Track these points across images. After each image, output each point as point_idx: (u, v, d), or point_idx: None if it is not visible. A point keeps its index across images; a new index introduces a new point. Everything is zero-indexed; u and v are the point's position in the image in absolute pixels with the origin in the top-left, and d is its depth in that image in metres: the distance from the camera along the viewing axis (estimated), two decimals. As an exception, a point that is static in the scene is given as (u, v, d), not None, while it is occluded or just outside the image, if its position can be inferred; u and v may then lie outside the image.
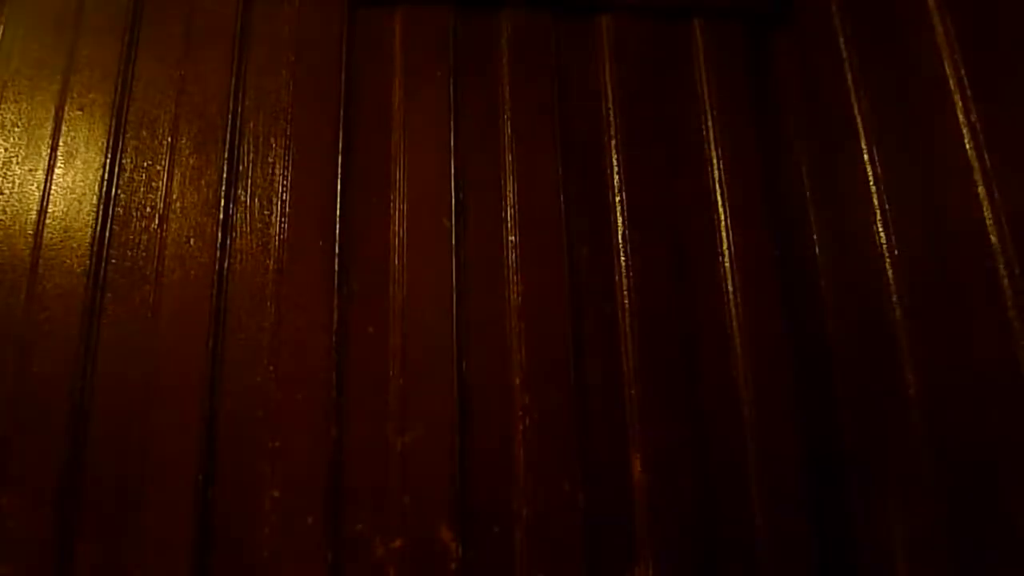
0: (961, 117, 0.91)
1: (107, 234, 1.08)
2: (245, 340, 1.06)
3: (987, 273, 0.87)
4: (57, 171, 1.10)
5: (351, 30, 1.23)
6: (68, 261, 1.06)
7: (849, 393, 1.13)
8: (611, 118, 1.24)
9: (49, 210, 1.08)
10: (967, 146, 0.90)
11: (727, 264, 1.19)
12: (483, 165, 1.19)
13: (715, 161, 1.24)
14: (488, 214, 1.16)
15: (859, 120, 1.11)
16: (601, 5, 1.29)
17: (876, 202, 1.08)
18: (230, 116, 1.15)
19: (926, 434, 0.97)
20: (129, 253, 1.08)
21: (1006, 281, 0.84)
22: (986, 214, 0.86)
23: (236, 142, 1.15)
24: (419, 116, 1.19)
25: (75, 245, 1.07)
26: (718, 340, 1.15)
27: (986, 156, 0.88)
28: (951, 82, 0.93)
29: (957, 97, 0.91)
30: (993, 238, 0.86)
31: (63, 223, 1.07)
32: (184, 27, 1.20)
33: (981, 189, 0.88)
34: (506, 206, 1.17)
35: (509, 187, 1.18)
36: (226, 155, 1.13)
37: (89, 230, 1.07)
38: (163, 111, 1.15)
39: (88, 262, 1.06)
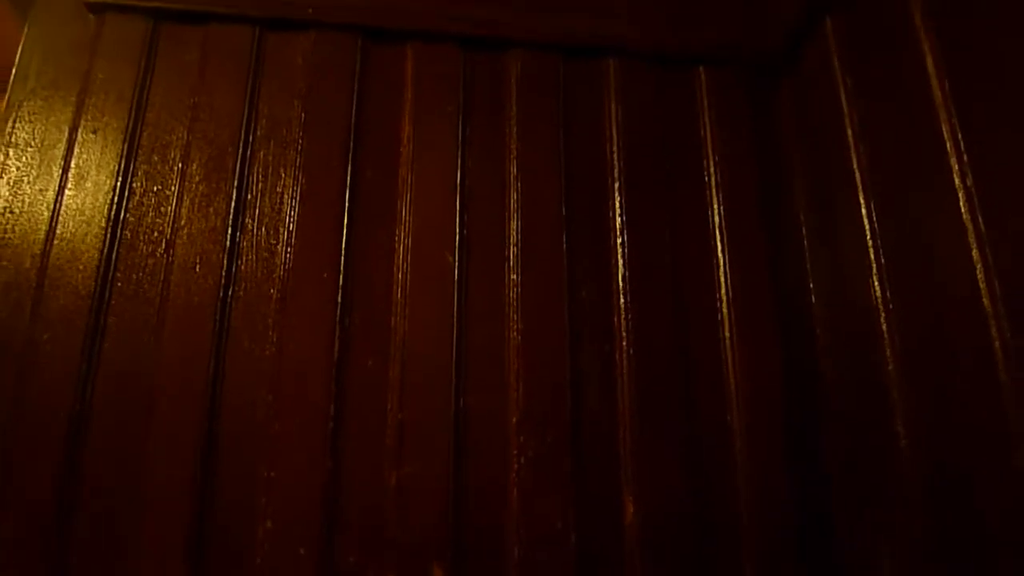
0: (957, 180, 0.93)
1: (114, 257, 1.09)
2: (245, 368, 1.07)
3: (979, 333, 0.88)
4: (68, 192, 1.11)
5: (363, 64, 1.25)
6: (73, 282, 1.07)
7: (840, 443, 1.14)
8: (615, 160, 1.27)
9: (58, 231, 1.09)
10: (962, 208, 0.92)
11: (724, 310, 1.20)
12: (488, 202, 1.21)
13: (715, 206, 1.26)
14: (491, 251, 1.18)
15: (857, 174, 1.14)
16: (608, 49, 1.32)
17: (872, 256, 1.10)
18: (241, 144, 1.17)
19: (915, 485, 0.99)
20: (134, 276, 1.09)
21: (997, 344, 0.86)
22: (979, 276, 0.88)
23: (246, 171, 1.16)
24: (427, 152, 1.21)
25: (81, 267, 1.08)
26: (714, 385, 1.17)
27: (980, 220, 0.90)
28: (948, 144, 0.95)
29: (953, 160, 0.94)
30: (985, 301, 0.88)
31: (71, 244, 1.08)
32: (200, 54, 1.22)
33: (975, 252, 0.90)
34: (509, 244, 1.19)
35: (513, 225, 1.20)
36: (235, 183, 1.15)
37: (96, 252, 1.08)
38: (175, 137, 1.17)
39: (93, 284, 1.07)
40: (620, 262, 1.21)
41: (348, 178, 1.17)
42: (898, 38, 1.05)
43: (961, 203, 0.93)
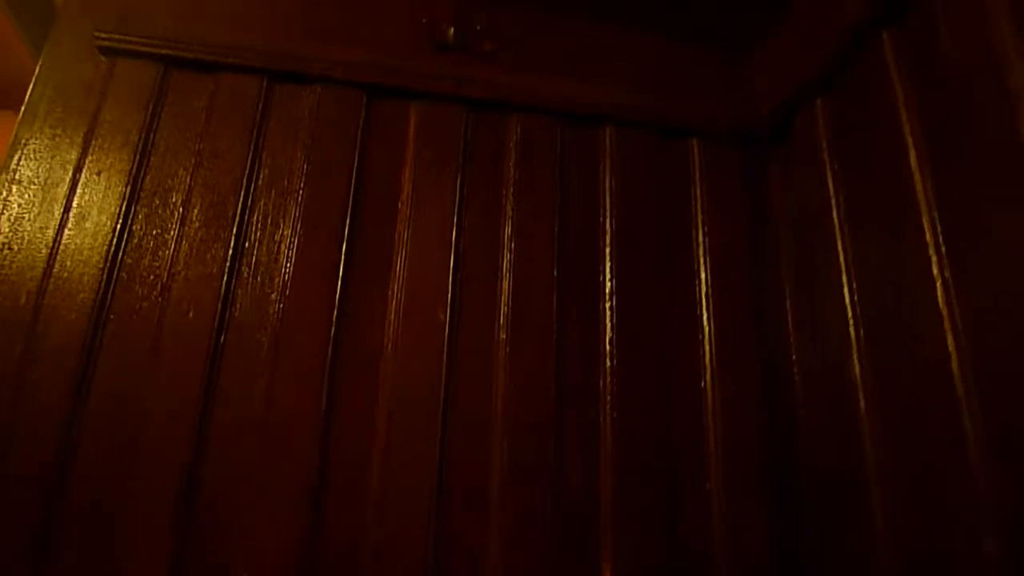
0: (935, 270, 0.96)
1: (109, 298, 1.10)
2: (233, 416, 1.08)
3: (951, 412, 0.91)
4: (67, 231, 1.12)
5: (367, 120, 1.28)
6: (67, 321, 1.08)
7: (819, 520, 1.15)
8: (607, 226, 1.30)
9: (55, 269, 1.10)
10: (939, 296, 0.96)
11: (708, 378, 1.23)
12: (482, 262, 1.23)
13: (703, 275, 1.29)
14: (483, 310, 1.20)
15: (841, 253, 1.17)
16: (606, 117, 1.36)
17: (852, 331, 1.13)
18: (242, 192, 1.19)
19: (891, 568, 1.00)
20: (128, 319, 1.10)
21: (970, 432, 0.89)
22: (953, 365, 0.91)
23: (245, 218, 1.18)
24: (425, 209, 1.24)
25: (76, 305, 1.09)
26: (695, 457, 1.18)
27: (955, 305, 0.93)
28: (928, 234, 0.99)
29: (932, 251, 0.97)
30: (959, 386, 0.91)
31: (67, 283, 1.09)
32: (207, 102, 1.24)
33: (951, 339, 0.93)
34: (500, 304, 1.21)
35: (505, 285, 1.22)
36: (234, 230, 1.17)
37: (91, 293, 1.09)
38: (178, 182, 1.19)
39: (86, 324, 1.08)
40: (608, 326, 1.23)
41: (346, 231, 1.20)
42: (883, 124, 1.10)
43: (939, 290, 0.96)
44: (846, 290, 1.16)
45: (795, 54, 1.31)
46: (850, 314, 1.14)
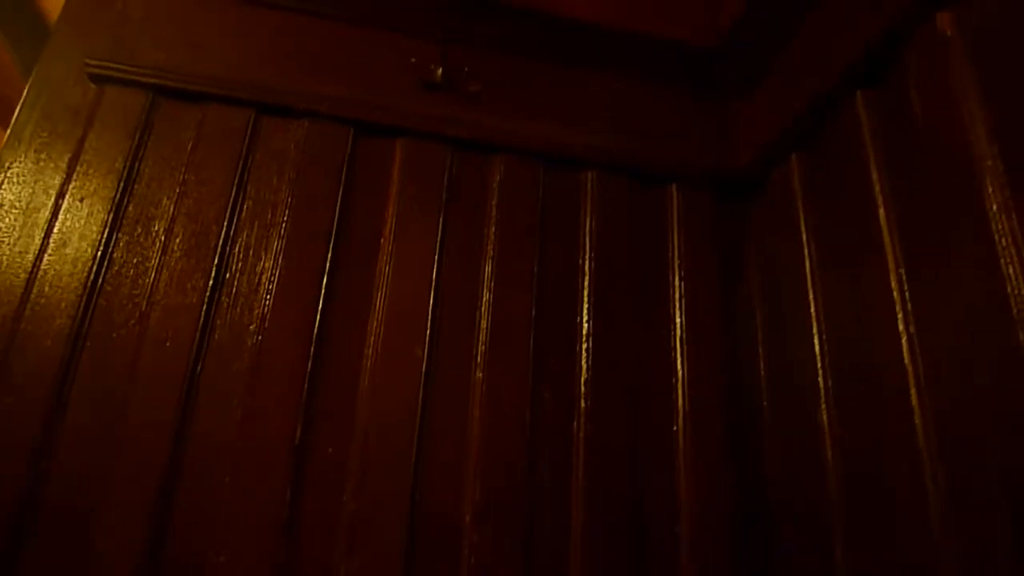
0: (901, 327, 0.99)
1: (86, 325, 1.10)
2: (207, 447, 1.07)
3: (913, 465, 0.93)
4: (47, 257, 1.12)
5: (353, 155, 1.30)
6: (43, 347, 1.07)
7: (786, 562, 1.17)
8: (586, 267, 1.32)
9: (33, 295, 1.10)
10: (904, 350, 0.98)
11: (680, 422, 1.25)
12: (461, 300, 1.25)
13: (679, 320, 1.32)
14: (460, 348, 1.22)
15: (812, 305, 1.20)
16: (588, 162, 1.39)
17: (822, 383, 1.15)
18: (225, 223, 1.20)
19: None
20: (105, 346, 1.10)
21: (928, 475, 0.91)
22: (917, 424, 0.94)
23: (227, 249, 1.19)
24: (407, 245, 1.25)
25: (52, 331, 1.08)
26: (666, 499, 1.20)
27: (920, 361, 0.96)
28: (895, 292, 1.02)
29: (898, 307, 1.01)
30: (921, 442, 0.93)
31: (44, 309, 1.09)
32: (194, 132, 1.26)
33: (914, 394, 0.96)
34: (478, 342, 1.22)
35: (483, 324, 1.24)
36: (215, 261, 1.17)
37: (68, 320, 1.09)
38: (161, 211, 1.20)
39: (62, 351, 1.07)
40: (584, 367, 1.25)
41: (327, 265, 1.21)
42: (854, 183, 1.13)
43: (904, 346, 0.99)
44: (816, 340, 1.18)
45: (774, 108, 1.35)
46: (819, 364, 1.17)
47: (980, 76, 0.92)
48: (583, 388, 1.24)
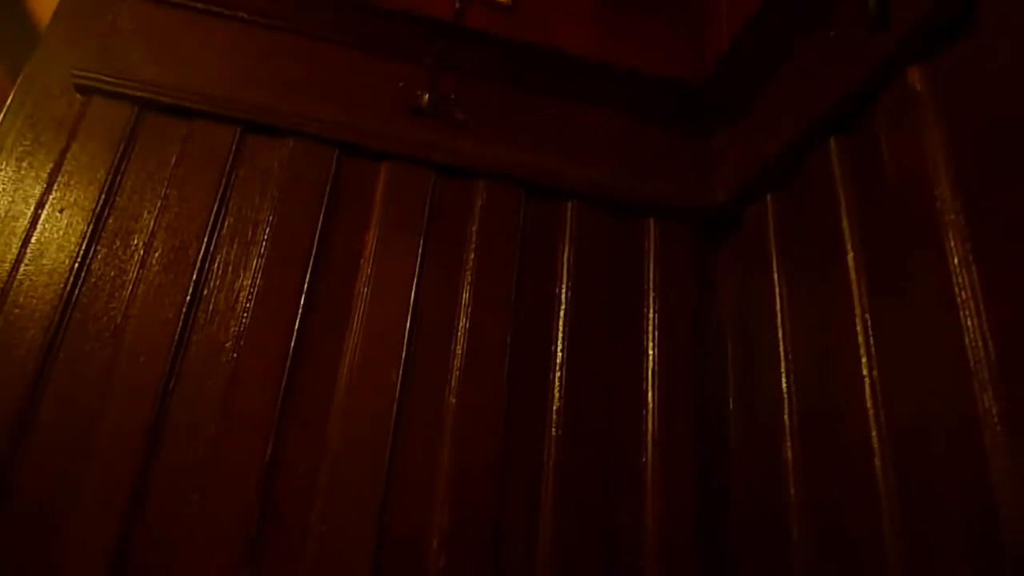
0: (864, 371, 1.02)
1: (60, 337, 1.10)
2: (177, 465, 1.07)
3: (872, 515, 0.95)
4: (24, 267, 1.12)
5: (336, 176, 1.31)
6: (16, 356, 1.07)
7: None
8: (563, 296, 1.34)
9: (6, 305, 1.09)
10: (867, 395, 1.01)
11: (649, 454, 1.26)
12: (438, 324, 1.26)
13: (651, 352, 1.34)
14: (434, 374, 1.23)
15: (781, 343, 1.23)
16: (570, 193, 1.42)
17: (787, 421, 1.18)
18: (206, 239, 1.20)
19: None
20: (78, 359, 1.10)
21: (886, 520, 0.93)
22: (876, 462, 0.96)
23: (206, 266, 1.19)
24: (386, 268, 1.26)
25: (25, 342, 1.08)
26: (633, 530, 1.21)
27: (881, 407, 0.99)
28: (860, 336, 1.05)
29: (863, 351, 1.03)
30: (881, 487, 0.96)
31: (18, 320, 1.09)
32: (179, 147, 1.26)
33: (876, 440, 0.98)
34: (452, 368, 1.23)
35: (459, 349, 1.25)
36: (194, 277, 1.18)
37: (42, 331, 1.09)
38: (141, 224, 1.20)
39: (34, 362, 1.07)
40: (556, 395, 1.27)
41: (306, 285, 1.22)
42: (825, 225, 1.16)
43: (867, 391, 1.02)
44: (784, 379, 1.21)
45: (752, 149, 1.39)
46: (786, 403, 1.19)
47: (946, 132, 0.96)
48: (555, 416, 1.25)
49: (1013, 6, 0.87)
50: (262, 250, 1.22)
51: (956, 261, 0.89)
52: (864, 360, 1.02)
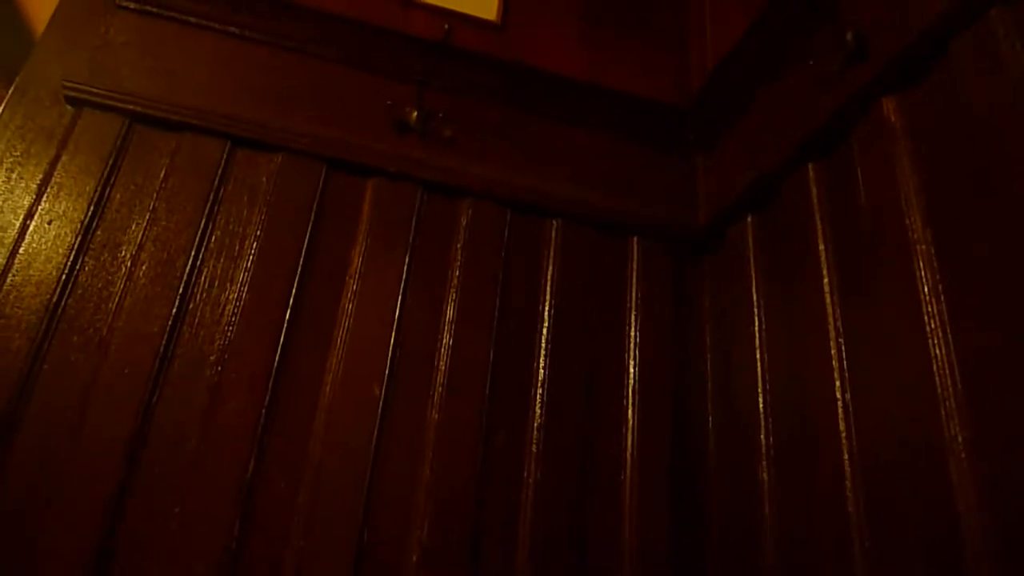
0: (837, 393, 1.04)
1: (45, 348, 1.10)
2: (158, 476, 1.08)
3: (842, 534, 0.97)
4: (10, 277, 1.13)
5: (324, 191, 1.33)
6: (1, 365, 1.07)
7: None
8: (546, 313, 1.36)
9: (-8, 314, 1.10)
10: (839, 416, 1.03)
11: (628, 472, 1.28)
12: (422, 340, 1.28)
13: (632, 370, 1.36)
14: (417, 388, 1.24)
15: (759, 364, 1.25)
16: (554, 211, 1.44)
17: (763, 440, 1.20)
18: (193, 252, 1.22)
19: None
20: (62, 370, 1.10)
21: (856, 545, 0.95)
22: (848, 491, 0.98)
23: (193, 279, 1.21)
24: (372, 284, 1.28)
25: (10, 352, 1.08)
26: (610, 548, 1.22)
27: (853, 429, 1.01)
28: (834, 360, 1.07)
29: (836, 374, 1.06)
30: (850, 496, 0.98)
31: (4, 331, 1.09)
32: (168, 160, 1.27)
33: (847, 459, 1.00)
34: (435, 383, 1.25)
35: (442, 364, 1.26)
36: (180, 290, 1.19)
37: (27, 341, 1.09)
38: (129, 236, 1.21)
39: (18, 372, 1.07)
40: (538, 412, 1.28)
41: (291, 300, 1.23)
42: (802, 249, 1.19)
43: (839, 412, 1.04)
44: (760, 399, 1.23)
45: (734, 171, 1.41)
46: (763, 422, 1.21)
47: (918, 162, 0.99)
48: (536, 433, 1.26)
49: (983, 42, 0.90)
50: (248, 264, 1.24)
51: (926, 290, 0.91)
52: (838, 383, 1.05)
